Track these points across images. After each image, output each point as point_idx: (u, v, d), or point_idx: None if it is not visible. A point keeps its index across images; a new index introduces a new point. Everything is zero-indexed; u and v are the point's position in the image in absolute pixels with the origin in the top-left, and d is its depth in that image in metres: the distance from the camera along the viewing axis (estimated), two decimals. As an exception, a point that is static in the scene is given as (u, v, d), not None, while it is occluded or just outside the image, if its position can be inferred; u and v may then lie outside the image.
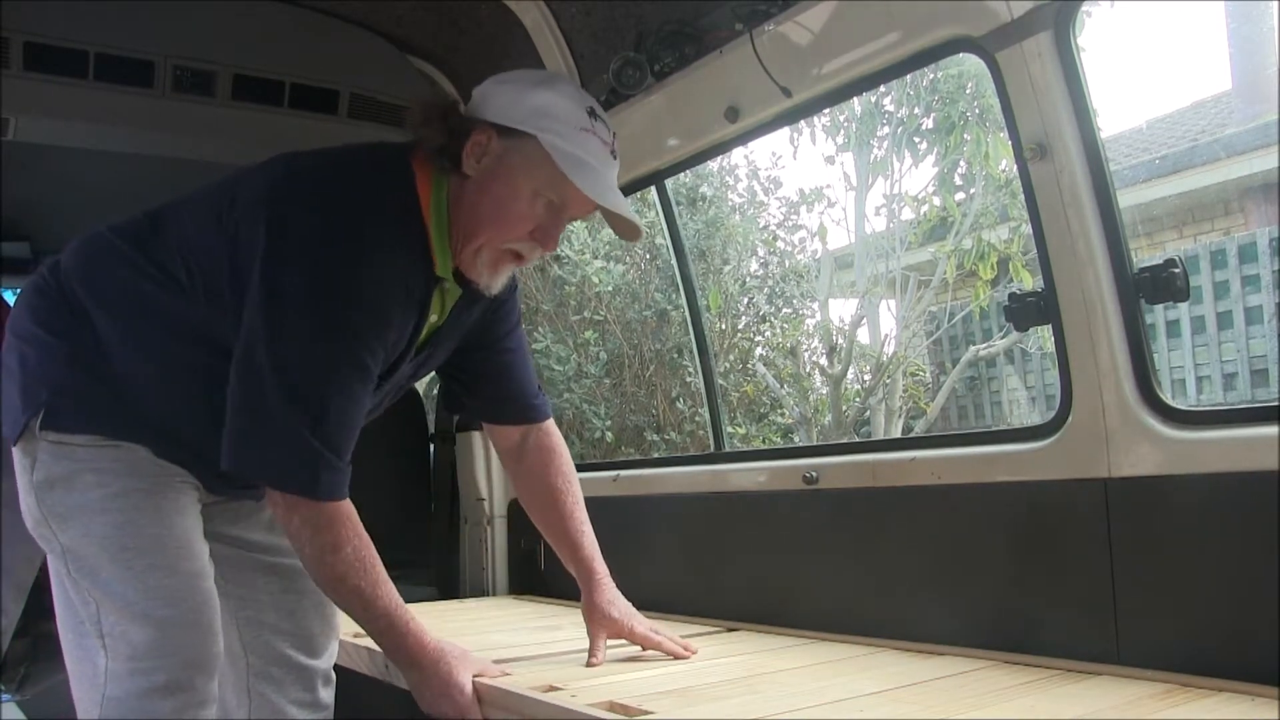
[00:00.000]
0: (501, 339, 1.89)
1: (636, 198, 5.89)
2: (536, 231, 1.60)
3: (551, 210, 1.60)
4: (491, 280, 1.63)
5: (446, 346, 1.79)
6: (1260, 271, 6.05)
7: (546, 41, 2.68)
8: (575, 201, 1.59)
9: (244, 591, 1.77)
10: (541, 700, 1.57)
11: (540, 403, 1.96)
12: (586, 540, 1.92)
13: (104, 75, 2.60)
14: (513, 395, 1.93)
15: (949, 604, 1.90)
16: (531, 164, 1.56)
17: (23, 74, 2.50)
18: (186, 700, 1.52)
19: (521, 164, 1.57)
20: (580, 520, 1.93)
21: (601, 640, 1.87)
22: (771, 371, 7.14)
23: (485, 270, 1.62)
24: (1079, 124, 1.67)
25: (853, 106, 6.51)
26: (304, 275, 1.50)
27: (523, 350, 1.94)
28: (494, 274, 1.63)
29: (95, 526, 1.53)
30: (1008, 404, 7.46)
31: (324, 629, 1.83)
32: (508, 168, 1.57)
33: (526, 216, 1.58)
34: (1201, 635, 1.55)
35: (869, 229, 7.07)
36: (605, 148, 1.60)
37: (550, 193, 1.58)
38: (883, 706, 1.50)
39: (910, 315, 6.88)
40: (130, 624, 1.51)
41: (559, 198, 1.59)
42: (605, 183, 1.59)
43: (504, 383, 1.93)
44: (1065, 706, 1.45)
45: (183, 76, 2.71)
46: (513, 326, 1.91)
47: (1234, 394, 6.12)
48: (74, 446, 1.54)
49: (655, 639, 1.87)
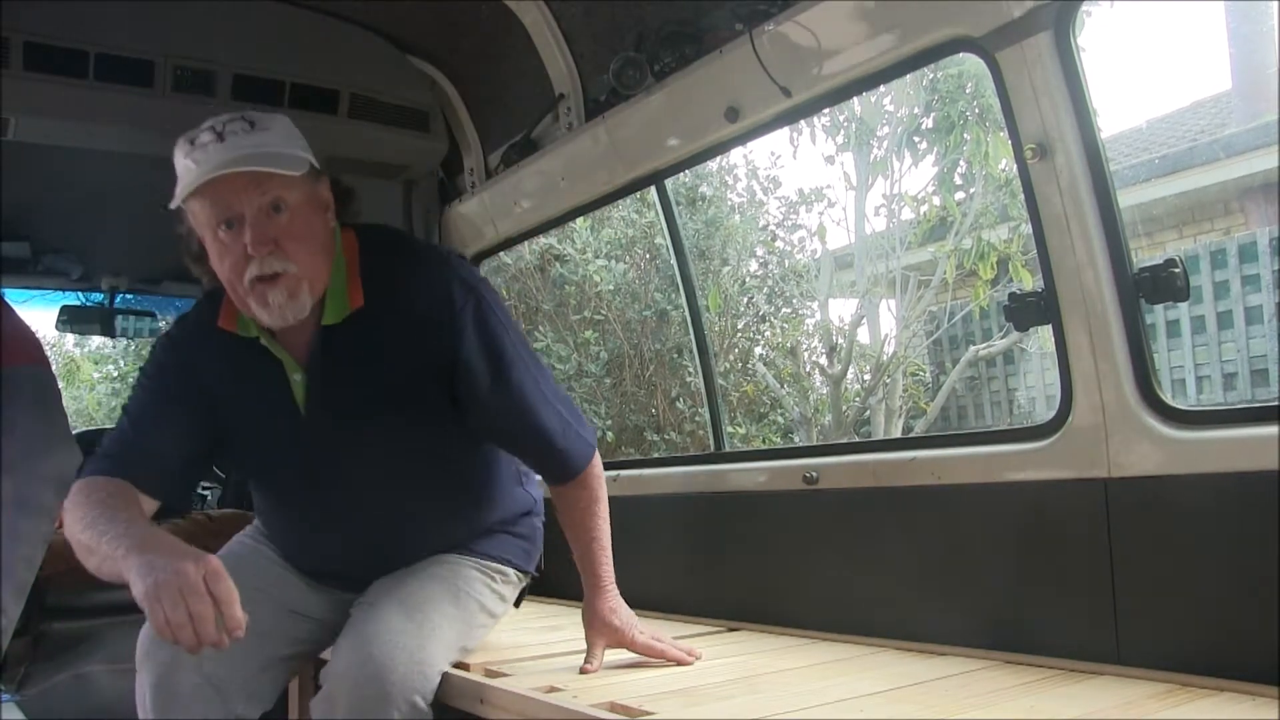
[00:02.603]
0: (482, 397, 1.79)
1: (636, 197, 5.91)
2: (233, 256, 1.65)
3: (226, 232, 1.65)
4: (265, 310, 1.67)
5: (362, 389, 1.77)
6: (1260, 271, 6.05)
7: (546, 41, 2.68)
8: (213, 203, 1.63)
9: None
10: (543, 701, 1.57)
11: (556, 463, 1.86)
12: (596, 546, 1.88)
13: (104, 75, 2.60)
14: (525, 454, 1.93)
15: (949, 604, 1.90)
16: (193, 219, 1.69)
17: (23, 74, 2.49)
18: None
19: (193, 225, 1.71)
20: (593, 528, 1.88)
21: (599, 648, 1.85)
22: (771, 371, 7.14)
23: (254, 305, 1.68)
24: (1079, 124, 1.66)
25: (852, 106, 6.51)
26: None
27: (510, 410, 1.80)
28: (263, 305, 1.67)
29: None
30: (1007, 403, 7.46)
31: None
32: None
33: (219, 252, 1.67)
34: (1201, 635, 1.55)
35: (869, 229, 7.08)
36: (212, 143, 1.63)
37: (208, 221, 1.65)
38: (883, 706, 1.50)
39: (910, 315, 6.88)
40: None
41: (213, 215, 1.64)
42: (208, 162, 1.62)
43: (508, 444, 1.92)
44: (1065, 706, 1.45)
45: (183, 76, 2.71)
46: (483, 379, 1.78)
47: (1234, 394, 6.12)
48: None
49: (657, 648, 1.85)
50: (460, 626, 1.82)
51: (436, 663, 1.71)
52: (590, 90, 2.66)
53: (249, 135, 1.64)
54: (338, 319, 1.74)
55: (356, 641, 1.68)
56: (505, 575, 1.98)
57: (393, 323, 1.74)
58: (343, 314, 1.74)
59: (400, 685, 1.63)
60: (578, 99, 2.68)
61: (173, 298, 4.29)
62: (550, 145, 2.76)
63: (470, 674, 1.77)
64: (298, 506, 1.91)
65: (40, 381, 2.06)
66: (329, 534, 1.89)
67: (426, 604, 1.78)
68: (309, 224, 1.69)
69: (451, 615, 1.80)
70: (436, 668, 1.70)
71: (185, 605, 1.33)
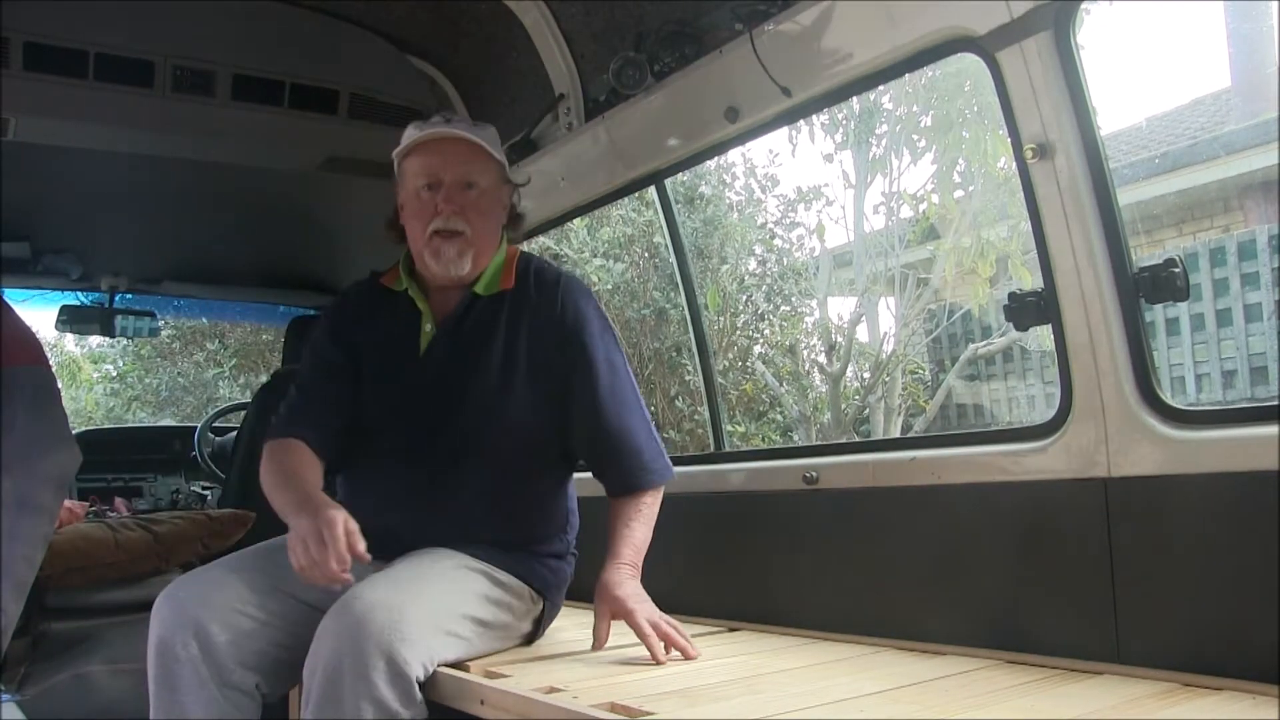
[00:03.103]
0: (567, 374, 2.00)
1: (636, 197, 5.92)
2: (425, 211, 1.98)
3: (427, 192, 1.97)
4: (436, 260, 1.98)
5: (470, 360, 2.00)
6: (1260, 269, 6.04)
7: (546, 41, 2.68)
8: (424, 164, 1.97)
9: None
10: (543, 701, 1.57)
11: (639, 472, 2.02)
12: (626, 531, 1.97)
13: (104, 75, 2.60)
14: (616, 456, 2.03)
15: (949, 604, 1.90)
16: (401, 179, 2.05)
17: (23, 74, 2.50)
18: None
19: (398, 186, 2.06)
20: (629, 520, 1.99)
21: (605, 621, 1.90)
22: (770, 370, 7.14)
23: (427, 255, 1.99)
24: (1079, 123, 1.67)
25: (851, 105, 6.51)
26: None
27: (619, 413, 2.01)
28: (436, 256, 1.98)
29: None
30: (1006, 402, 7.46)
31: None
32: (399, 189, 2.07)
33: (416, 208, 2.00)
34: (1202, 635, 1.55)
35: (868, 227, 7.08)
36: (439, 119, 2.02)
37: (414, 177, 1.99)
38: (883, 706, 1.50)
39: (909, 313, 6.89)
40: None
41: (421, 173, 1.97)
42: (429, 130, 1.98)
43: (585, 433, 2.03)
44: (1065, 706, 1.45)
45: (183, 76, 2.71)
46: (575, 362, 2.00)
47: (1233, 392, 6.12)
48: None
49: (645, 633, 1.84)
50: (450, 609, 1.81)
51: (416, 625, 1.70)
52: (590, 90, 2.66)
53: (469, 127, 2.00)
54: (488, 291, 2.03)
55: (342, 603, 1.72)
56: (518, 587, 1.97)
57: (531, 317, 2.01)
58: (493, 288, 2.03)
59: (376, 637, 1.64)
60: (578, 99, 2.68)
61: (172, 298, 4.30)
62: (550, 145, 2.76)
63: (470, 674, 1.76)
64: (381, 450, 2.02)
65: (40, 381, 2.07)
66: (397, 487, 1.99)
67: (418, 579, 1.81)
68: (491, 206, 2.02)
69: (443, 593, 1.82)
70: (416, 630, 1.70)
71: (310, 551, 1.66)
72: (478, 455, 1.97)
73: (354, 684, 1.62)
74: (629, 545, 1.96)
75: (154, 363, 10.79)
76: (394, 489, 2.00)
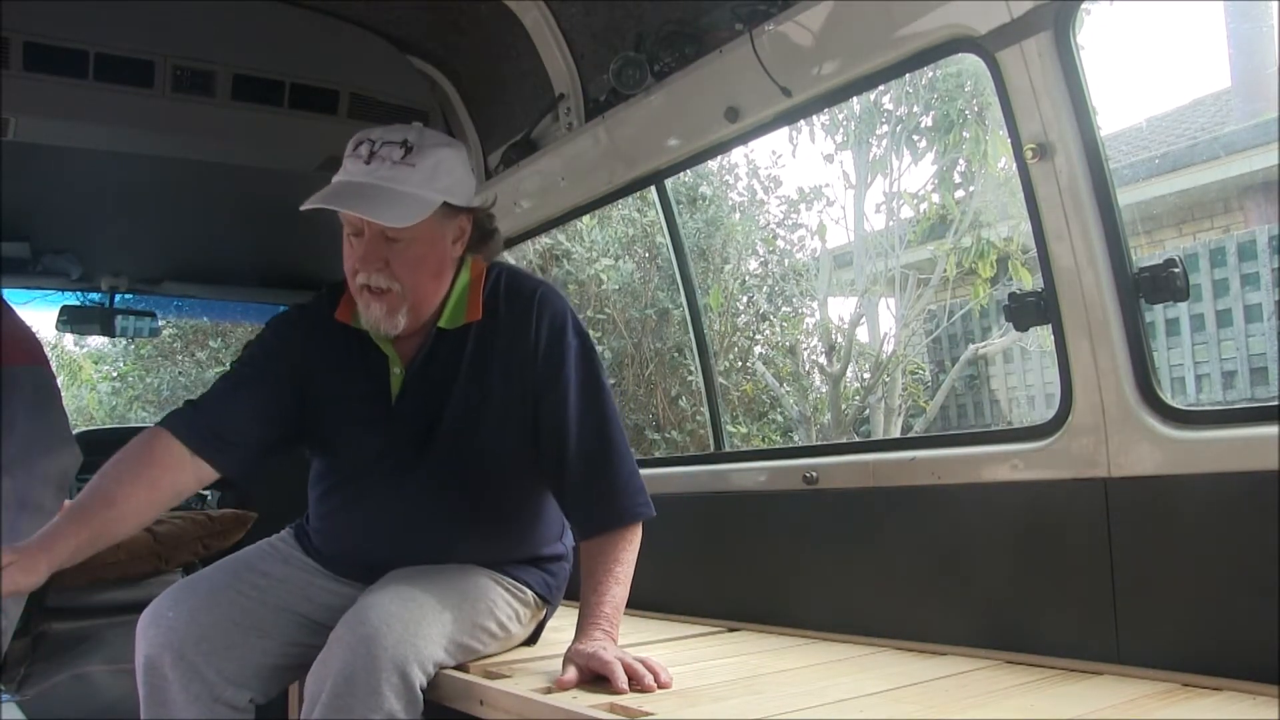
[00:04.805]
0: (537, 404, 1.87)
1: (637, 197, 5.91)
2: (351, 260, 1.84)
3: (354, 238, 1.83)
4: (365, 314, 1.85)
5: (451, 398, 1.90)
6: (1259, 269, 6.05)
7: (546, 41, 2.68)
8: (343, 214, 1.80)
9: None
10: (542, 702, 1.57)
11: (614, 506, 1.82)
12: (602, 587, 1.77)
13: (104, 75, 2.60)
14: (589, 487, 1.84)
15: (949, 604, 1.90)
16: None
17: (23, 74, 2.50)
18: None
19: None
20: (606, 571, 1.78)
21: (571, 670, 1.66)
22: (771, 370, 7.14)
23: (360, 306, 1.86)
24: (1079, 123, 1.66)
25: (852, 105, 6.50)
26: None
27: (593, 438, 1.84)
28: (365, 311, 1.85)
29: None
30: (1006, 402, 7.46)
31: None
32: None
33: (346, 252, 1.86)
34: (1202, 635, 1.55)
35: (868, 227, 7.08)
36: (358, 161, 1.80)
37: (342, 223, 1.84)
38: (883, 707, 1.50)
39: (909, 313, 6.88)
40: None
41: (344, 222, 1.83)
42: (345, 178, 1.80)
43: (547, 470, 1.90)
44: (1065, 706, 1.45)
45: (183, 76, 2.71)
46: (544, 394, 1.86)
47: (1233, 392, 6.12)
48: None
49: (613, 671, 1.62)
50: (463, 621, 1.80)
51: (430, 640, 1.70)
52: (590, 90, 2.66)
53: (392, 168, 1.77)
54: (453, 325, 1.89)
55: (356, 612, 1.70)
56: (524, 595, 1.97)
57: (503, 345, 1.88)
58: (458, 321, 1.89)
59: (390, 652, 1.63)
60: (578, 99, 2.68)
61: (172, 298, 4.29)
62: (550, 145, 2.76)
63: (470, 675, 1.77)
64: (359, 488, 1.94)
65: (40, 381, 2.07)
66: (378, 522, 1.92)
67: (431, 590, 1.78)
68: (424, 255, 1.83)
69: (455, 605, 1.80)
70: (430, 645, 1.69)
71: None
72: (461, 489, 1.90)
73: (366, 697, 1.61)
74: (607, 603, 1.75)
75: (155, 362, 10.79)
76: (374, 523, 1.93)
